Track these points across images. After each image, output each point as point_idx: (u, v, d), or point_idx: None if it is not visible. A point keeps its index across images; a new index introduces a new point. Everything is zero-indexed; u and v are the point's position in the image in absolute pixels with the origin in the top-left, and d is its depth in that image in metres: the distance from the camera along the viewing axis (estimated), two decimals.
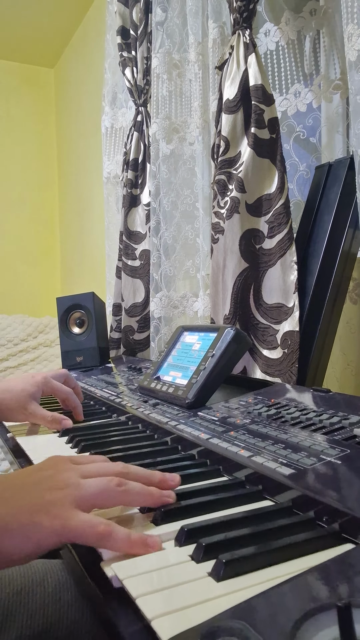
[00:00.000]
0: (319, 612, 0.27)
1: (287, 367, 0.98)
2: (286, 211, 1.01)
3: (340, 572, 0.32)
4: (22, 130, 3.24)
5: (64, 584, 0.54)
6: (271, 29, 1.14)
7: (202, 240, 1.35)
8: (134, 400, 0.91)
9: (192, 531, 0.40)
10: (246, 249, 1.07)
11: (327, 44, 1.09)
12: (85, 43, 2.72)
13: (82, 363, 1.44)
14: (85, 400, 1.04)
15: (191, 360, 0.87)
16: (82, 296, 1.47)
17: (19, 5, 2.58)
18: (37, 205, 3.29)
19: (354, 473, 0.46)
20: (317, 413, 0.64)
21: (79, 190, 2.92)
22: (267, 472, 0.49)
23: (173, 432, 0.68)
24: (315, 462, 0.49)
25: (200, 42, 1.34)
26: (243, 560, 0.35)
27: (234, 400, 0.77)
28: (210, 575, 0.35)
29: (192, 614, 0.31)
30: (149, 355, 1.57)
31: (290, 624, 0.26)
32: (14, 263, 3.22)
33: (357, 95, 0.86)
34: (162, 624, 0.30)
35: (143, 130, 1.61)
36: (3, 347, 2.46)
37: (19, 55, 3.12)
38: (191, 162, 1.43)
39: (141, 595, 0.33)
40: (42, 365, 2.46)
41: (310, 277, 0.99)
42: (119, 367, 1.34)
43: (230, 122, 1.08)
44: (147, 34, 1.52)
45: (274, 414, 0.66)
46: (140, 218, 1.62)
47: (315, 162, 1.12)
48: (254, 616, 0.28)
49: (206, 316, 1.31)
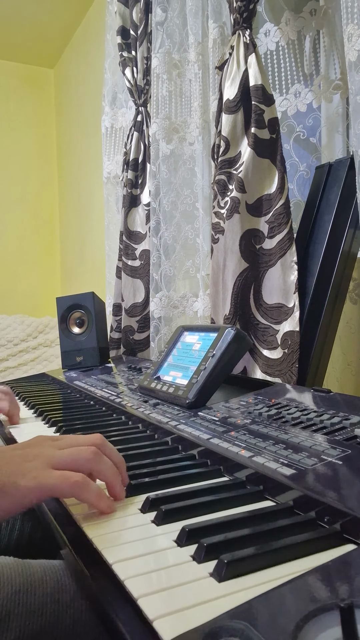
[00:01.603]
0: (321, 612, 0.27)
1: (287, 367, 0.98)
2: (286, 211, 1.01)
3: (342, 573, 0.32)
4: (22, 130, 3.24)
5: (64, 584, 0.54)
6: (271, 29, 1.14)
7: (202, 240, 1.35)
8: (134, 400, 0.91)
9: (193, 531, 0.40)
10: (246, 249, 1.07)
11: (327, 44, 1.09)
12: (85, 43, 2.72)
13: (82, 363, 1.44)
14: (85, 400, 1.04)
15: (191, 360, 0.87)
16: (82, 296, 1.46)
17: (19, 5, 2.58)
18: (37, 205, 3.29)
19: (355, 473, 0.46)
20: (317, 413, 0.64)
21: (79, 190, 2.92)
22: (268, 473, 0.49)
23: (173, 432, 0.68)
24: (316, 462, 0.49)
25: (200, 42, 1.34)
26: (244, 561, 0.35)
27: (234, 400, 0.77)
28: (211, 576, 0.35)
29: (194, 615, 0.30)
30: (149, 355, 1.57)
31: (292, 625, 0.26)
32: (14, 263, 3.22)
33: (357, 95, 0.86)
34: (164, 625, 0.30)
35: (143, 130, 1.61)
36: (3, 347, 2.46)
37: (19, 55, 3.12)
38: (191, 162, 1.43)
39: (143, 596, 0.33)
40: (42, 366, 2.46)
41: (310, 277, 0.99)
42: (119, 367, 1.34)
43: (231, 122, 1.08)
44: (147, 34, 1.52)
45: (275, 414, 0.66)
46: (140, 218, 1.62)
47: (315, 162, 1.12)
48: (256, 617, 0.28)
49: (206, 316, 1.31)
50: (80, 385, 1.15)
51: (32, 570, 0.55)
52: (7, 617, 0.49)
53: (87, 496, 0.45)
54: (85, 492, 0.45)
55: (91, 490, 0.45)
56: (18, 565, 0.54)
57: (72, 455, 0.48)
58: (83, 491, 0.44)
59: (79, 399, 1.06)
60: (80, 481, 0.44)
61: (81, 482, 0.44)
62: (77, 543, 0.44)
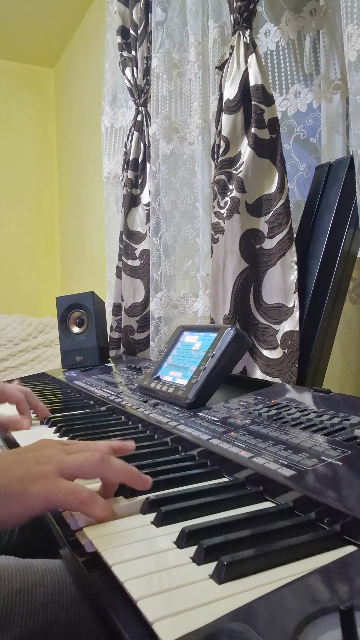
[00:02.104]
0: (321, 615, 0.27)
1: (287, 367, 0.98)
2: (286, 211, 1.01)
3: (342, 575, 0.32)
4: (22, 130, 3.24)
5: (64, 584, 0.54)
6: (271, 29, 1.14)
7: (202, 240, 1.35)
8: (134, 400, 0.90)
9: (193, 533, 0.40)
10: (246, 249, 1.07)
11: (327, 44, 1.09)
12: (85, 43, 2.72)
13: (82, 363, 1.44)
14: (85, 400, 1.04)
15: (191, 360, 0.87)
16: (81, 296, 1.46)
17: (19, 5, 2.58)
18: (37, 205, 3.29)
19: (355, 474, 0.46)
20: (317, 414, 0.64)
21: (79, 190, 2.92)
22: (268, 473, 0.49)
23: (173, 433, 0.68)
24: (316, 463, 0.49)
25: (200, 42, 1.34)
26: (244, 562, 0.35)
27: (234, 400, 0.77)
28: (211, 578, 0.35)
29: (194, 617, 0.30)
30: (148, 355, 1.57)
31: (293, 627, 0.26)
32: (14, 263, 3.21)
33: (357, 95, 0.86)
34: (164, 627, 0.30)
35: (143, 130, 1.60)
36: (3, 347, 2.45)
37: (19, 55, 3.12)
38: (191, 162, 1.43)
39: (142, 598, 0.33)
40: (42, 366, 2.46)
41: (310, 277, 0.99)
42: (119, 366, 1.34)
43: (231, 122, 1.08)
44: (147, 34, 1.52)
45: (275, 415, 0.66)
46: (140, 218, 1.62)
47: (315, 162, 1.12)
48: (255, 619, 0.28)
49: (206, 316, 1.31)
50: (80, 385, 1.15)
51: (33, 569, 0.55)
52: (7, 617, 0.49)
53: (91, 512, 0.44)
54: (91, 508, 0.44)
55: (98, 505, 0.45)
56: (18, 565, 0.54)
57: (81, 460, 0.48)
58: (88, 507, 0.44)
59: (79, 399, 1.06)
60: (88, 498, 0.44)
61: (89, 499, 0.44)
62: (76, 544, 0.44)
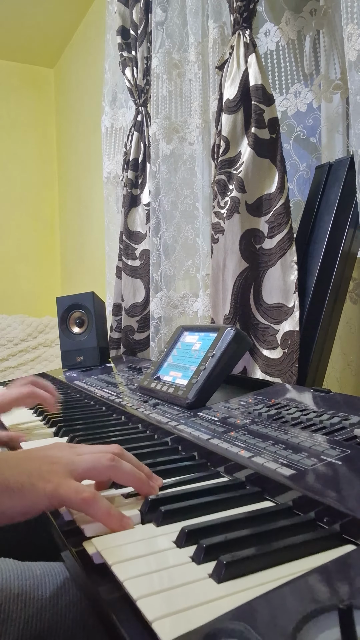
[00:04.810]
0: (320, 613, 0.27)
1: (287, 367, 0.98)
2: (286, 211, 1.01)
3: (341, 574, 0.32)
4: (22, 130, 3.24)
5: (63, 586, 0.54)
6: (271, 29, 1.14)
7: (202, 240, 1.35)
8: (134, 400, 0.90)
9: (193, 532, 0.40)
10: (246, 249, 1.07)
11: (327, 44, 1.09)
12: (85, 43, 2.72)
13: (82, 363, 1.44)
14: (85, 400, 1.04)
15: (191, 360, 0.87)
16: (82, 296, 1.46)
17: (19, 5, 2.58)
18: (37, 205, 3.29)
19: (355, 474, 0.46)
20: (317, 413, 0.64)
21: (79, 190, 2.92)
22: (267, 473, 0.49)
23: (173, 433, 0.68)
24: (315, 462, 0.49)
25: (200, 42, 1.34)
26: (244, 562, 0.35)
27: (234, 400, 0.77)
28: (211, 577, 0.35)
29: (193, 616, 0.30)
30: (149, 355, 1.57)
31: (292, 626, 0.26)
32: (14, 263, 3.21)
33: (357, 95, 0.86)
34: (163, 626, 0.30)
35: (143, 130, 1.60)
36: (3, 347, 2.46)
37: (19, 55, 3.12)
38: (191, 162, 1.43)
39: (142, 597, 0.33)
40: (42, 366, 2.46)
41: (310, 277, 0.99)
42: (119, 367, 1.34)
43: (231, 122, 1.08)
44: (147, 34, 1.52)
45: (275, 415, 0.66)
46: (140, 218, 1.62)
47: (315, 162, 1.12)
48: (255, 618, 0.28)
49: (206, 316, 1.31)
50: (80, 385, 1.15)
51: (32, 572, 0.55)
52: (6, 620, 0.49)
53: (94, 512, 0.44)
54: (92, 509, 0.44)
55: (99, 507, 0.44)
56: (18, 568, 0.54)
57: (91, 461, 0.48)
58: (90, 507, 0.44)
59: (79, 399, 1.06)
60: (90, 497, 0.44)
61: (90, 499, 0.44)
62: (76, 544, 0.44)
